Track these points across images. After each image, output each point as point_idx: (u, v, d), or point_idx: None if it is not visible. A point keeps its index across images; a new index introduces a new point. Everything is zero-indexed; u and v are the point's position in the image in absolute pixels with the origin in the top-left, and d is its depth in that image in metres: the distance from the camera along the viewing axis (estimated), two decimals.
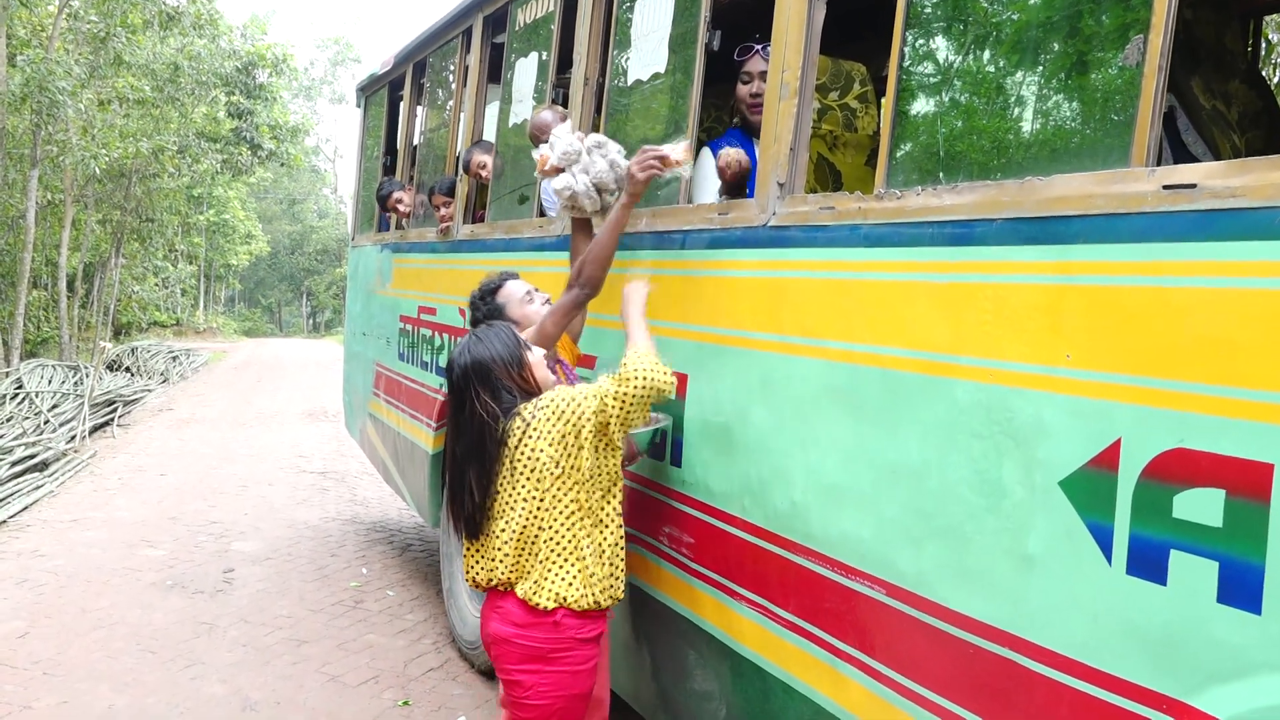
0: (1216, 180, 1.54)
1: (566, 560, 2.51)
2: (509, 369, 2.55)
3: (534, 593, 2.52)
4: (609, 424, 2.43)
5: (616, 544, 2.59)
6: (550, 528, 2.50)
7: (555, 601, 2.50)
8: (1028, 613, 1.80)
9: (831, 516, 2.29)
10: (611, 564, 2.58)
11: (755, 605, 2.56)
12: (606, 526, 2.56)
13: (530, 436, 2.49)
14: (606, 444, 2.49)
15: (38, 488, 8.21)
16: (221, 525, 7.32)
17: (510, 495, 2.53)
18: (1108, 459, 1.66)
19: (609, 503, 2.56)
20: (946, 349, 1.99)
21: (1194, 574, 1.53)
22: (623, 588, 2.63)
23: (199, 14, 18.63)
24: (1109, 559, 1.65)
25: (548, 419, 2.49)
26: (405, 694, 4.38)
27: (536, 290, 3.12)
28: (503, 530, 2.54)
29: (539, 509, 2.50)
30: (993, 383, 1.88)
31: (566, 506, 2.50)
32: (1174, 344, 1.57)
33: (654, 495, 3.02)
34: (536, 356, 2.63)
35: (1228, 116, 2.91)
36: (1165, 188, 1.60)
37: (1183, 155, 2.78)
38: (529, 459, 2.49)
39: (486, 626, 2.63)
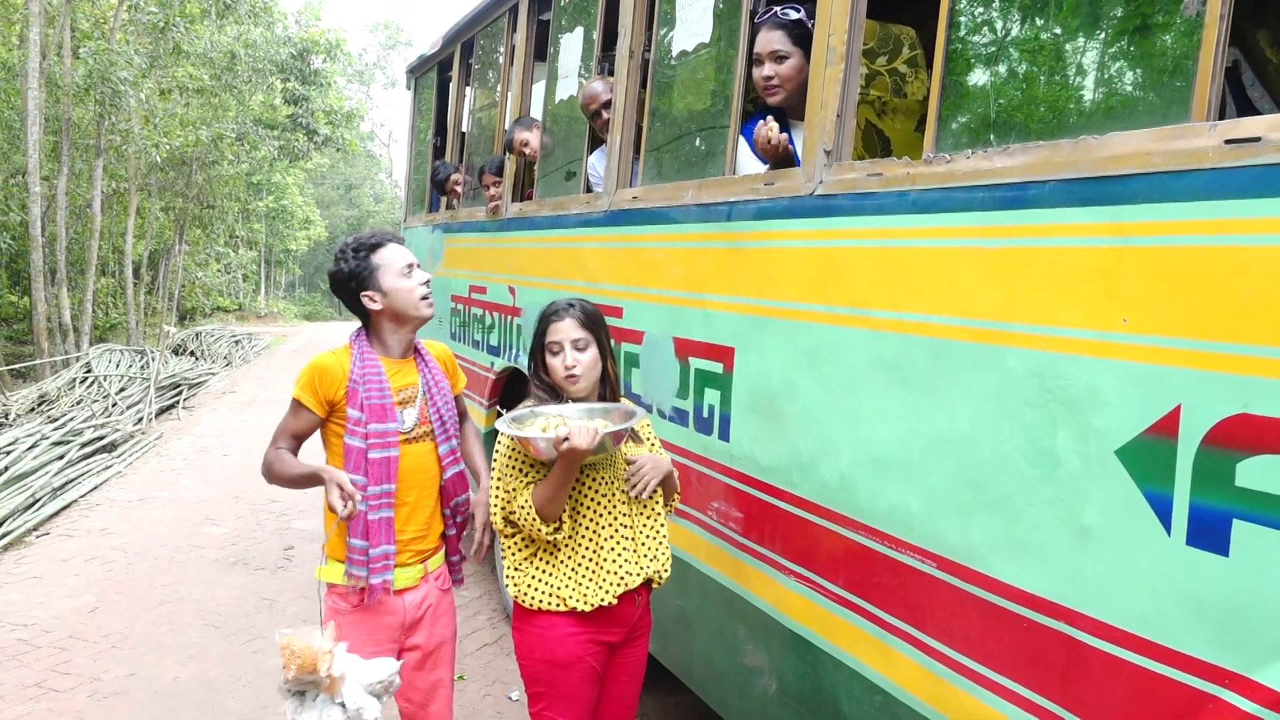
0: None
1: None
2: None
3: None
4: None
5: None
6: None
7: None
8: (1083, 585, 1.75)
9: (881, 489, 2.25)
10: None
11: (803, 579, 2.53)
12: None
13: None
14: None
15: (106, 468, 8.46)
16: (282, 504, 7.47)
17: None
18: (1166, 426, 1.60)
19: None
20: (998, 316, 1.93)
21: (1258, 544, 1.47)
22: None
23: (254, 2, 18.92)
24: (1168, 530, 1.60)
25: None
26: (460, 668, 4.43)
27: (419, 268, 2.79)
28: None
29: None
30: (1046, 350, 1.82)
31: None
32: (1237, 306, 1.51)
33: (701, 470, 3.01)
34: None
35: None
36: (1228, 142, 1.53)
37: (1248, 112, 2.67)
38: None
39: None
